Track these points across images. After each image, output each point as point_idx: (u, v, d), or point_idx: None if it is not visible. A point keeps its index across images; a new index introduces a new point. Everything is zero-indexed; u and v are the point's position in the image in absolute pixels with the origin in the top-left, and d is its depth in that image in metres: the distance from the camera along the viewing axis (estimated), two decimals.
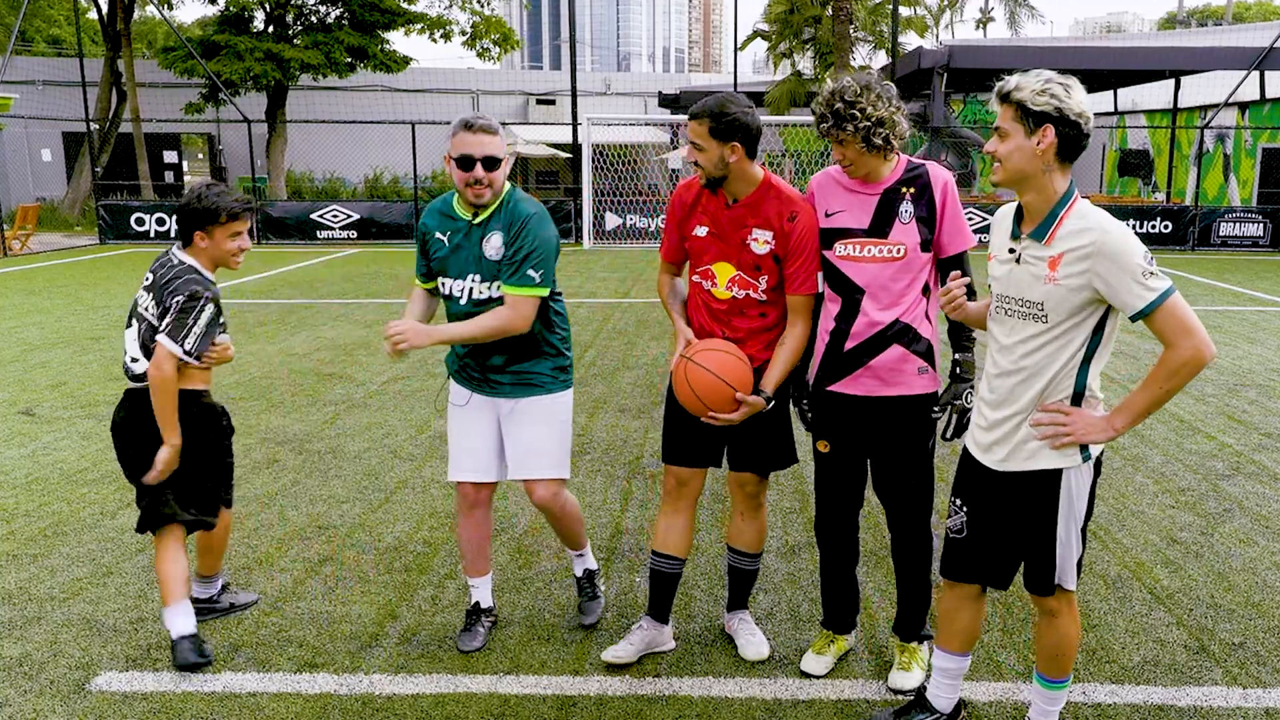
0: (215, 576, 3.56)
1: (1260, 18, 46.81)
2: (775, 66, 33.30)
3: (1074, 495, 2.43)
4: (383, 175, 27.06)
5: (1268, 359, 8.24)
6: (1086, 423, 2.36)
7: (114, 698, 3.00)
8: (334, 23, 23.83)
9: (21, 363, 7.90)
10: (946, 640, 2.75)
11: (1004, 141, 2.33)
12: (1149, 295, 2.23)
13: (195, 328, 3.10)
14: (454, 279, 3.13)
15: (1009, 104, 2.31)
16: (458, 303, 3.13)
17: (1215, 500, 4.82)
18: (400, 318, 3.11)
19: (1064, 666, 2.62)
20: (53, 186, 26.38)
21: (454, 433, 3.26)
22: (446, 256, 3.12)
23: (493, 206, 3.08)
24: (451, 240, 3.12)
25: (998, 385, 2.49)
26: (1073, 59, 22.03)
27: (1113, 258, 2.24)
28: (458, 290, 3.12)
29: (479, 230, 3.08)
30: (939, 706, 2.78)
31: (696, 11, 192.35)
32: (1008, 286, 2.44)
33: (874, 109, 2.72)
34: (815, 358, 3.02)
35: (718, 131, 2.87)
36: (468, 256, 3.09)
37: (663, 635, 3.28)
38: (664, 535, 3.22)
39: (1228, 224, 18.52)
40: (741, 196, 2.99)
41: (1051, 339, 2.36)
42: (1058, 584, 2.50)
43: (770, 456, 3.15)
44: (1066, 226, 2.31)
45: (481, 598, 3.37)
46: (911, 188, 2.85)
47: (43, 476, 5.11)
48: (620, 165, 19.52)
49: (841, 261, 2.89)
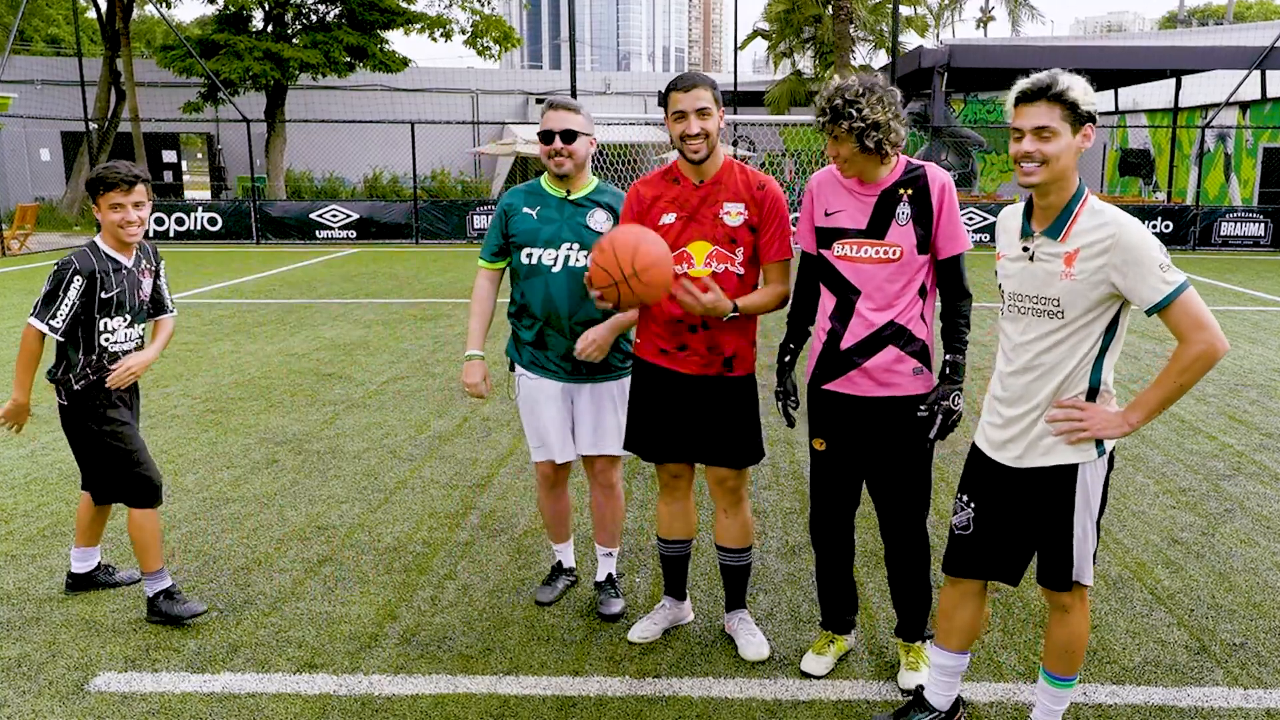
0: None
1: (1261, 17, 46.82)
2: (775, 66, 33.29)
3: (1090, 489, 2.45)
4: (382, 175, 27.05)
5: (1269, 359, 8.23)
6: (1103, 418, 2.38)
7: (113, 698, 2.99)
8: (333, 22, 23.81)
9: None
10: (945, 638, 2.76)
11: (1051, 141, 2.29)
12: (1165, 289, 2.25)
13: (62, 302, 3.27)
14: (544, 248, 3.30)
15: (1059, 103, 2.28)
16: (549, 270, 3.29)
17: (1216, 500, 4.81)
18: (478, 334, 3.44)
19: (1073, 664, 2.63)
20: (51, 186, 26.37)
21: (534, 417, 3.46)
22: (536, 229, 3.31)
23: (588, 186, 3.35)
24: (542, 214, 3.33)
25: (1011, 383, 2.50)
26: (1073, 58, 22.02)
27: (1131, 251, 2.26)
28: (549, 259, 3.29)
29: (573, 206, 3.32)
30: (937, 705, 2.79)
31: (696, 10, 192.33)
32: (1022, 285, 2.45)
33: (872, 111, 2.72)
34: (812, 356, 3.02)
35: (716, 99, 3.04)
36: (562, 227, 3.29)
37: (682, 610, 3.47)
38: (669, 523, 3.36)
39: (1229, 224, 18.53)
40: (709, 176, 3.08)
41: (1068, 335, 2.38)
42: (1075, 579, 2.51)
43: (745, 449, 3.18)
44: (1082, 223, 2.34)
45: (565, 558, 3.75)
46: (910, 189, 2.84)
47: (41, 476, 5.10)
48: (620, 164, 19.50)
49: (839, 261, 2.90)
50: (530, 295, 3.33)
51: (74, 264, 3.27)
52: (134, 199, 3.30)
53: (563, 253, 3.28)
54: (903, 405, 2.90)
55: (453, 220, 19.55)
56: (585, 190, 3.35)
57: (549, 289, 3.29)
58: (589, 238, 3.27)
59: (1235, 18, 41.05)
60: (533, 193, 3.39)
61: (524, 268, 3.34)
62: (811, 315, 3.05)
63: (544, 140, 3.28)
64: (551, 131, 3.25)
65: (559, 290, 3.28)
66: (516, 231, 3.34)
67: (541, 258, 3.29)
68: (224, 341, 8.77)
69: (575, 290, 3.27)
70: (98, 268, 3.31)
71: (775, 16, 30.78)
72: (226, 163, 28.86)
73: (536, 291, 3.31)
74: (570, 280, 3.27)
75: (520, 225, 3.34)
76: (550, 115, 3.28)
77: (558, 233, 3.29)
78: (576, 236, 3.29)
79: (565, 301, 3.28)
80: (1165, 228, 18.47)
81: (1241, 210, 19.04)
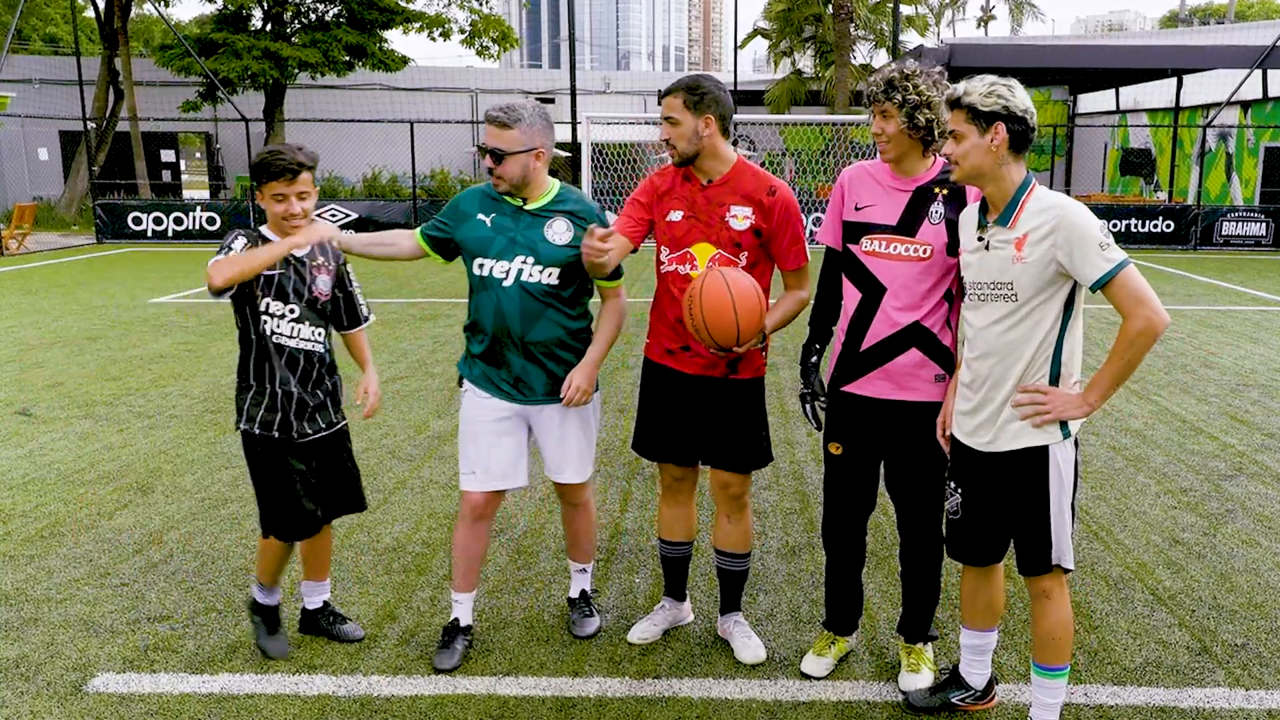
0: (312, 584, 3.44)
1: (1263, 16, 46.78)
2: (775, 65, 33.30)
3: (1062, 470, 2.57)
4: (381, 174, 27.01)
5: (1270, 359, 8.22)
6: (1064, 400, 2.52)
7: (111, 699, 2.98)
8: (332, 21, 23.78)
9: (18, 363, 7.87)
10: (971, 619, 2.87)
11: (960, 143, 2.52)
12: (1106, 265, 2.40)
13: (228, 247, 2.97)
14: (495, 259, 3.07)
15: (960, 109, 2.51)
16: (500, 284, 3.06)
17: (1217, 501, 4.80)
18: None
19: (1061, 652, 2.67)
20: (49, 185, 26.33)
21: (473, 441, 3.17)
22: (488, 239, 3.08)
23: (546, 194, 3.10)
24: (496, 223, 3.09)
25: (977, 367, 2.62)
26: (1074, 57, 22.02)
27: (1073, 230, 2.43)
28: (500, 272, 3.06)
29: (530, 216, 3.08)
30: (974, 684, 2.94)
31: (696, 9, 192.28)
32: (979, 274, 2.60)
33: (928, 90, 2.74)
34: (832, 357, 3.00)
35: (691, 104, 2.96)
36: (515, 239, 3.06)
37: (682, 611, 3.45)
38: (670, 525, 3.34)
39: (1230, 223, 18.50)
40: (716, 177, 3.04)
41: (1022, 317, 2.52)
42: (1056, 563, 2.60)
43: (748, 453, 3.15)
44: (1029, 209, 2.51)
45: (463, 615, 3.28)
46: (945, 189, 2.82)
47: (39, 477, 5.09)
48: (619, 164, 19.48)
49: (867, 257, 2.86)
50: (482, 310, 3.11)
51: (237, 230, 3.05)
52: (298, 189, 2.97)
53: (515, 266, 3.05)
54: (921, 410, 2.87)
55: None
56: (543, 199, 3.10)
57: (500, 304, 3.06)
58: (545, 251, 3.05)
59: (1237, 17, 41.02)
60: (490, 196, 3.14)
61: (475, 280, 3.12)
62: (835, 314, 3.01)
63: (483, 155, 3.07)
64: (483, 147, 3.05)
65: (511, 306, 3.05)
66: (467, 239, 3.11)
67: (493, 270, 3.07)
68: (224, 341, 8.76)
69: (529, 307, 3.05)
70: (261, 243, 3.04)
71: (775, 15, 30.78)
72: (225, 162, 28.83)
73: (488, 306, 3.09)
74: (523, 296, 3.05)
75: (472, 233, 3.11)
76: (485, 129, 3.06)
77: (511, 247, 3.06)
78: (531, 249, 3.05)
79: (518, 318, 3.06)
80: (1166, 227, 18.46)
81: (1243, 210, 19.01)
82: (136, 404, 6.57)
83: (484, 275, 3.09)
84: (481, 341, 3.14)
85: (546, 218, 3.09)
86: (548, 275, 3.06)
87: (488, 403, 3.16)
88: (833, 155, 20.19)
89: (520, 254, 3.05)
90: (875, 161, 2.96)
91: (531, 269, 3.05)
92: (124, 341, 8.76)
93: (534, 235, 3.06)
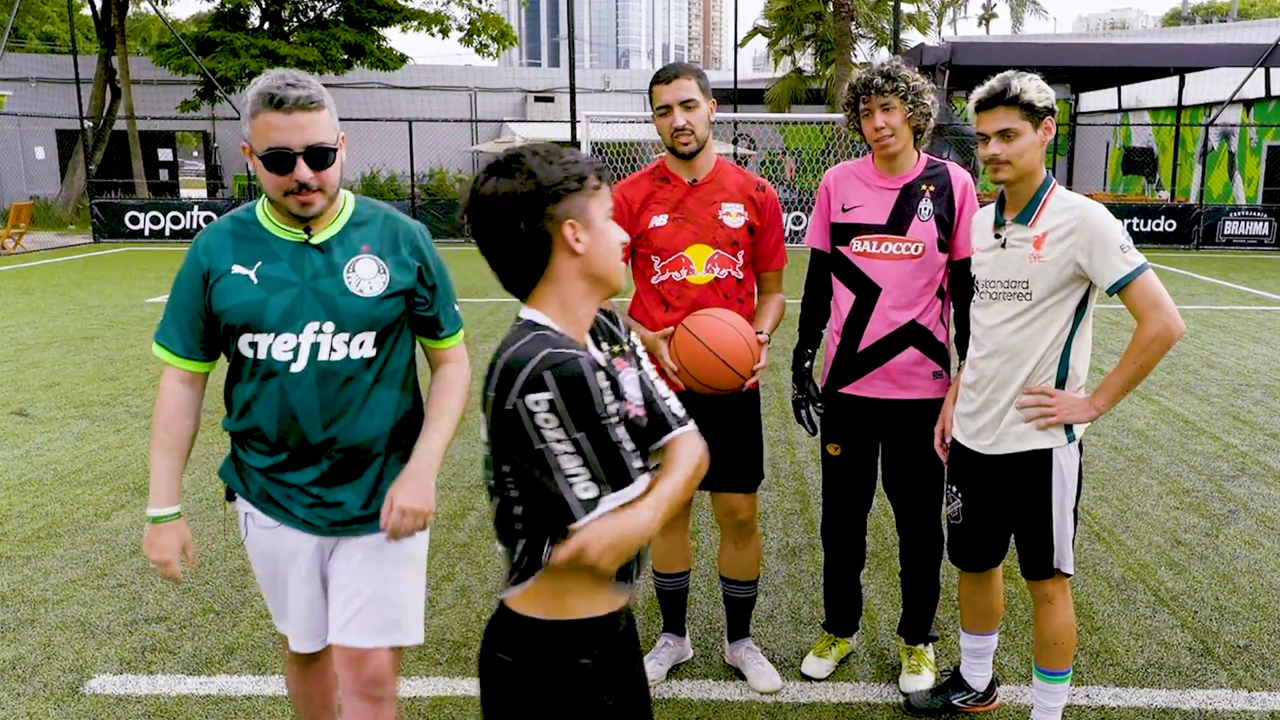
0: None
1: (1266, 14, 46.76)
2: (776, 63, 33.25)
3: (1065, 474, 2.54)
4: (380, 174, 26.99)
5: (1273, 359, 8.20)
6: (1070, 403, 2.48)
7: (108, 700, 2.97)
8: (330, 19, 23.76)
9: (15, 362, 7.85)
10: (970, 623, 2.86)
11: (1013, 142, 2.46)
12: (1126, 269, 2.38)
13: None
14: (276, 333, 2.01)
15: (1015, 105, 2.44)
16: (286, 371, 2.02)
17: (1220, 501, 4.79)
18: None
19: (1064, 656, 2.66)
20: (46, 185, 26.28)
21: (269, 590, 2.23)
22: (259, 301, 2.00)
23: (337, 216, 2.05)
24: (264, 274, 2.01)
25: (983, 367, 2.58)
26: (1076, 56, 22.01)
27: (1094, 232, 2.40)
28: (282, 351, 2.02)
29: (320, 255, 2.03)
30: (975, 685, 2.92)
31: (696, 7, 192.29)
32: (994, 271, 2.56)
33: (914, 80, 2.76)
34: (827, 361, 2.97)
35: (704, 87, 2.82)
36: (303, 295, 2.00)
37: (683, 646, 3.24)
38: (666, 557, 3.12)
39: (1232, 223, 18.47)
40: (702, 174, 2.87)
41: (1035, 317, 2.48)
42: (1056, 567, 2.58)
43: (756, 470, 2.99)
44: (1050, 208, 2.49)
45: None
46: (932, 185, 2.81)
47: (36, 478, 5.07)
48: (619, 163, 19.46)
49: (859, 258, 2.83)
50: (260, 408, 2.07)
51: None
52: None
53: (307, 339, 2.01)
54: (920, 408, 2.86)
55: (451, 219, 19.51)
56: (334, 225, 2.04)
57: (287, 399, 2.03)
58: (349, 309, 2.01)
59: (1239, 15, 41.02)
60: (249, 237, 2.03)
61: (246, 364, 2.06)
62: (824, 316, 2.98)
63: (274, 167, 1.92)
64: (287, 152, 1.90)
65: (305, 399, 2.02)
66: (227, 307, 2.01)
67: (272, 349, 2.02)
68: None
69: (330, 397, 2.03)
70: None
71: (775, 14, 30.75)
72: (223, 161, 28.81)
73: (269, 404, 2.05)
74: (323, 384, 2.02)
75: (232, 295, 2.01)
76: (276, 121, 1.89)
77: (298, 309, 2.00)
78: (329, 310, 2.01)
79: (316, 415, 2.03)
80: (1169, 227, 18.43)
81: (1245, 209, 18.98)
82: (134, 404, 6.55)
83: (258, 359, 2.04)
84: (264, 452, 2.12)
85: (346, 254, 2.03)
86: (358, 346, 2.04)
87: (278, 535, 2.13)
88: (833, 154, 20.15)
89: (312, 318, 2.01)
90: (859, 161, 2.93)
91: (332, 340, 2.02)
92: (121, 341, 8.74)
93: (329, 288, 2.01)
